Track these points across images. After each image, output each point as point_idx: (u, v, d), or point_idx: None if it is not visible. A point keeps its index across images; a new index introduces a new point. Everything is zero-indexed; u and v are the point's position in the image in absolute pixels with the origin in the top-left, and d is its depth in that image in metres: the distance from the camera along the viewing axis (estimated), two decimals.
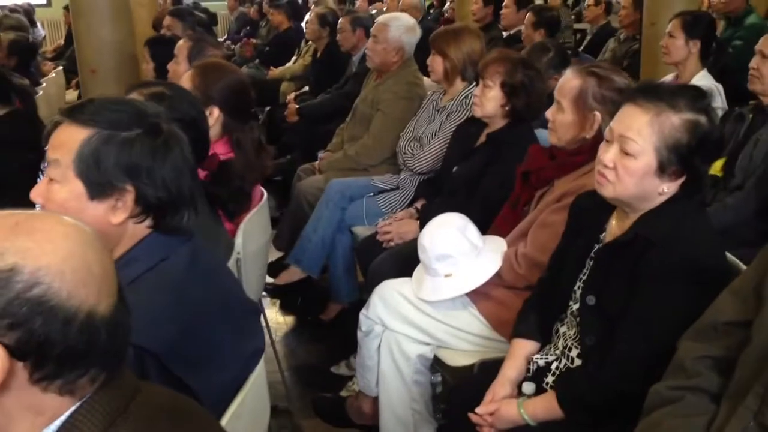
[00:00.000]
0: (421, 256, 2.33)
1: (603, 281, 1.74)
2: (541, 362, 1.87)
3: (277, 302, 3.86)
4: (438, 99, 3.56)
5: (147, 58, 3.85)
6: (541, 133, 2.88)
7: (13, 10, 9.99)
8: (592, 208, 1.85)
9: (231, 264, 1.96)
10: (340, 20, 5.14)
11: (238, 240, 2.27)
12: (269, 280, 3.80)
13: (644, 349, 1.61)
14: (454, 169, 3.00)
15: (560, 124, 2.21)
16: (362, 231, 3.42)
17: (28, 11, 10.80)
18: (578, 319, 1.79)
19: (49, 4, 13.61)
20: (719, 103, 3.46)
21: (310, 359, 3.42)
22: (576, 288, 1.83)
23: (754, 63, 2.92)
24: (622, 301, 1.68)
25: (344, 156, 3.87)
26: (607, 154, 1.69)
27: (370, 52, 3.90)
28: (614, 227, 1.80)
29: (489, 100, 2.80)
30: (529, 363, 1.91)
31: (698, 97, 1.65)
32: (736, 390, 1.34)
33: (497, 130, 2.87)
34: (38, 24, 10.84)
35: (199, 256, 1.35)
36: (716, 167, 3.09)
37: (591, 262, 1.80)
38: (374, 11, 9.77)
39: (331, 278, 3.59)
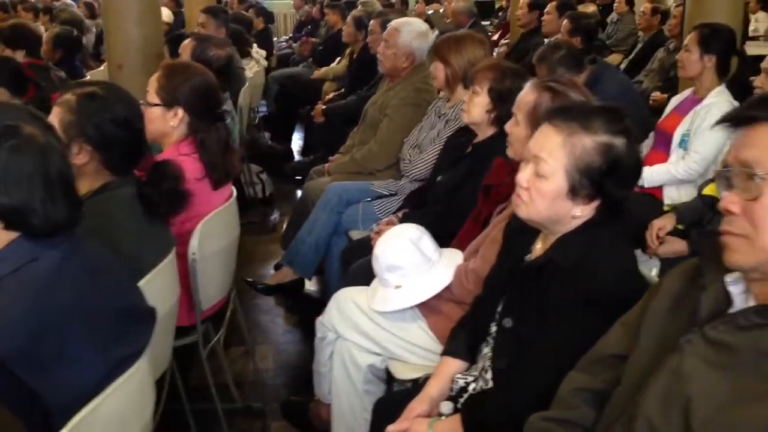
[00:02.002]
0: (373, 266, 2.31)
1: (519, 305, 1.69)
2: (461, 382, 1.83)
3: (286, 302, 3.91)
4: (442, 105, 3.52)
5: (167, 56, 3.96)
6: None
7: (88, 3, 10.42)
8: (522, 229, 1.79)
9: (167, 264, 1.98)
10: (371, 22, 5.14)
11: (194, 241, 2.30)
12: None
13: (548, 378, 1.54)
14: (438, 178, 2.96)
15: (515, 138, 2.15)
16: (358, 235, 3.42)
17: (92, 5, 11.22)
18: (494, 341, 1.74)
19: None
20: None
21: (298, 360, 3.44)
22: (499, 309, 1.78)
23: (758, 81, 2.78)
24: (535, 327, 1.62)
25: (351, 160, 3.87)
26: (523, 174, 1.64)
27: (381, 57, 3.89)
28: (538, 249, 1.74)
29: (475, 106, 2.74)
30: (453, 382, 1.87)
31: (615, 119, 1.57)
32: (602, 428, 1.28)
33: (482, 141, 2.82)
34: None
35: (73, 260, 1.37)
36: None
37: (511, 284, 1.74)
38: (431, 12, 9.74)
39: (327, 281, 3.59)
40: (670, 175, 3.35)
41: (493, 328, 1.77)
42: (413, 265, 2.24)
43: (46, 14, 8.60)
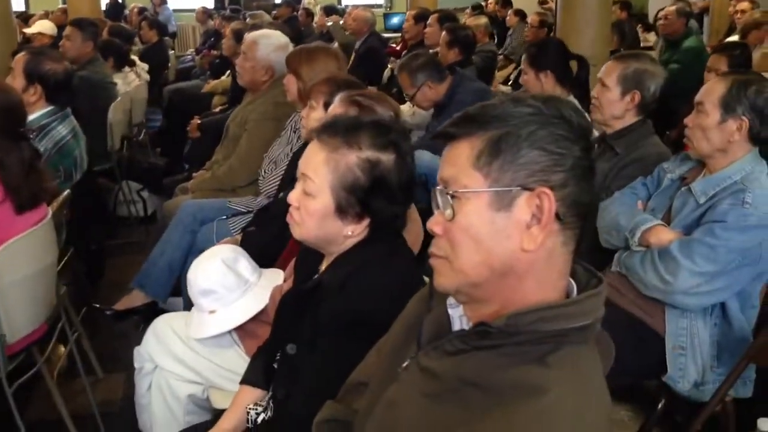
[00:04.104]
0: (188, 291, 2.20)
1: (299, 329, 1.60)
2: (253, 413, 1.73)
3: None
4: (298, 120, 3.43)
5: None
6: None
7: None
8: (311, 250, 1.71)
9: None
10: (245, 36, 5.02)
11: None
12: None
13: (311, 409, 1.46)
14: (281, 194, 2.87)
15: None
16: None
17: None
18: (277, 368, 1.65)
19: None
20: None
21: None
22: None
23: (594, 92, 2.79)
24: (309, 353, 1.54)
25: (213, 176, 3.75)
26: (293, 193, 1.56)
27: (239, 70, 3.79)
28: (322, 271, 1.66)
29: (312, 122, 2.66)
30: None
31: (381, 134, 1.51)
32: None
33: None
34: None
35: None
36: None
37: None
38: (330, 23, 9.69)
39: (184, 303, 3.45)
40: None
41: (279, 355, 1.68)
42: (227, 288, 2.14)
43: None
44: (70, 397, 3.07)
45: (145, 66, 6.38)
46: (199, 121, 5.02)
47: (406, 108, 4.47)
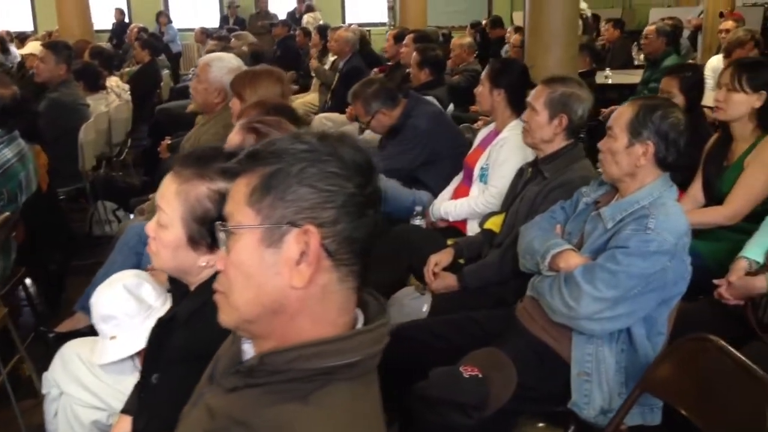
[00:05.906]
0: (91, 317, 2.20)
1: (158, 360, 1.59)
2: None
3: None
4: None
5: None
6: None
7: None
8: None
9: None
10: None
11: None
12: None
13: None
14: None
15: None
16: None
17: (2, 39, 11.03)
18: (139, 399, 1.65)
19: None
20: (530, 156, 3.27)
21: None
22: None
23: (524, 116, 2.77)
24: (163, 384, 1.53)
25: None
26: (150, 224, 1.57)
27: (193, 92, 3.82)
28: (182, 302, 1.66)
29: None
30: None
31: None
32: None
33: None
34: (12, 49, 11.00)
35: None
36: (497, 223, 2.94)
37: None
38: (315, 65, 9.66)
39: None
40: (471, 209, 3.33)
41: None
42: (127, 314, 2.14)
43: None
44: (9, 420, 3.09)
45: (126, 86, 6.44)
46: (168, 142, 5.04)
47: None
